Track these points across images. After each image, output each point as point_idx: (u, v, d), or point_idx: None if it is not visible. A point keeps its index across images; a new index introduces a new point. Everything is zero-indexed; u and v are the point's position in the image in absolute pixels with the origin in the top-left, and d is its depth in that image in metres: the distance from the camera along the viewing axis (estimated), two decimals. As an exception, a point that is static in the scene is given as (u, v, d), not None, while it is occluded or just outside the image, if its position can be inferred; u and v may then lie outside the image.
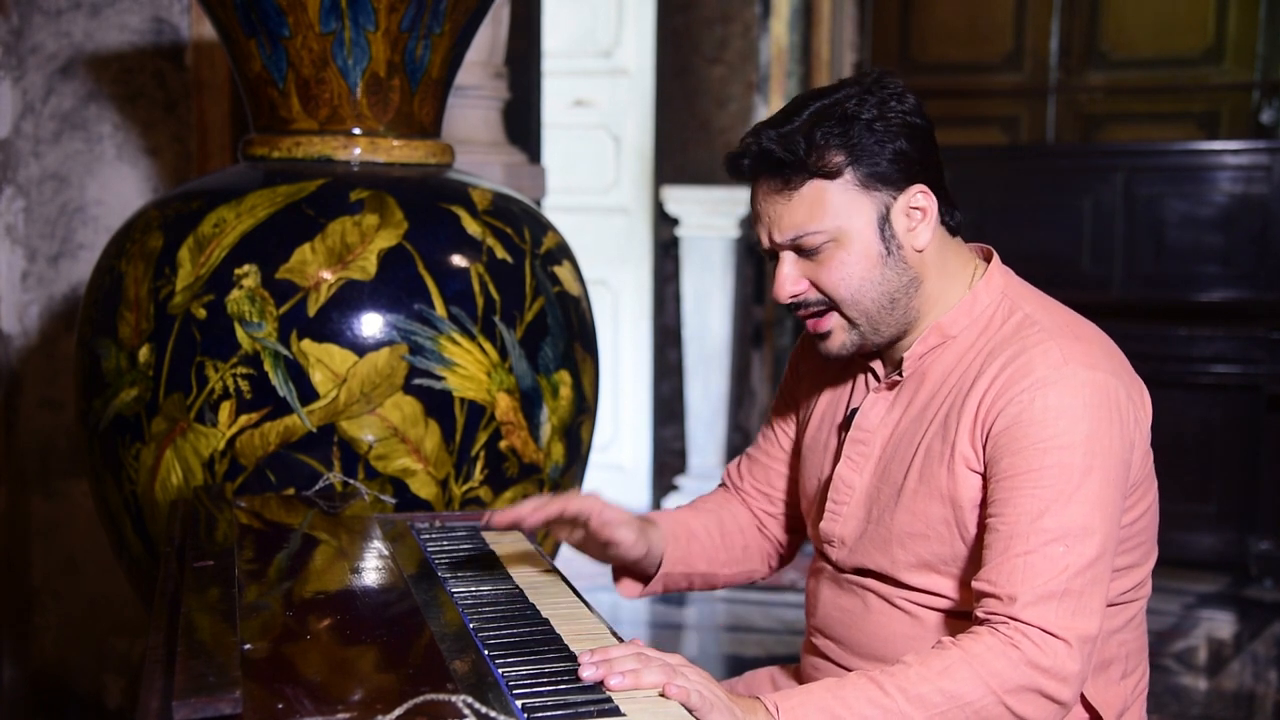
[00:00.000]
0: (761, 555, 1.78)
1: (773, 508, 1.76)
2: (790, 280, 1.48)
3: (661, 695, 1.22)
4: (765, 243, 1.50)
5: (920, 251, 1.48)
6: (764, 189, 1.47)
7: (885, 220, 1.46)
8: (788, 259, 1.48)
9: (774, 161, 1.44)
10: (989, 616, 1.36)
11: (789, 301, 1.49)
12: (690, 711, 1.21)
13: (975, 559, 1.44)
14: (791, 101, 1.50)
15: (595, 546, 1.62)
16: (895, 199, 1.45)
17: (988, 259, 1.55)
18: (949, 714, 1.31)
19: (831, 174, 1.43)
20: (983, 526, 1.42)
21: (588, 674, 1.22)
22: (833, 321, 1.50)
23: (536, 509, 1.54)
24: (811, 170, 1.43)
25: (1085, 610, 1.34)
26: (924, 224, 1.47)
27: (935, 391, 1.50)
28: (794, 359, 1.74)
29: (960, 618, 1.47)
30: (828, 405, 1.65)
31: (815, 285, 1.48)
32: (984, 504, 1.43)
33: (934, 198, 1.47)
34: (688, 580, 1.72)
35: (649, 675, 1.22)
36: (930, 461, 1.46)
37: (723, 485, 1.82)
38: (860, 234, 1.45)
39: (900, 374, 1.54)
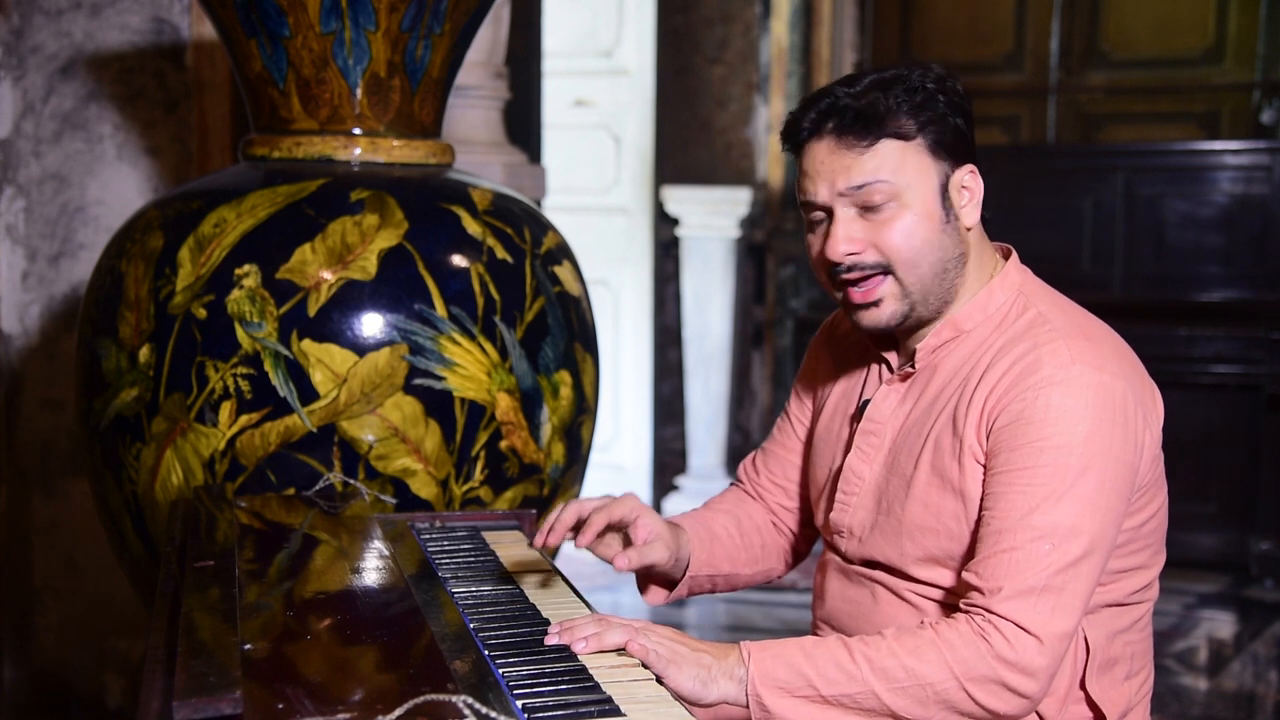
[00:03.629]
0: (779, 553, 1.78)
1: (789, 501, 1.76)
2: (846, 239, 1.46)
3: (622, 653, 1.29)
4: (823, 195, 1.46)
5: (969, 229, 1.50)
6: (830, 145, 1.46)
7: (944, 190, 1.47)
8: (844, 218, 1.46)
9: (853, 116, 1.44)
10: (968, 608, 1.38)
11: (844, 260, 1.47)
12: (649, 667, 1.27)
13: None
14: (848, 76, 1.51)
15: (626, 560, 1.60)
16: (953, 172, 1.48)
17: (1006, 257, 1.56)
18: (910, 690, 1.34)
19: (906, 136, 1.45)
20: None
21: (552, 640, 1.30)
22: (884, 289, 1.48)
23: (586, 528, 1.51)
24: (888, 131, 1.44)
25: (1063, 608, 1.35)
26: (972, 204, 1.49)
27: (945, 385, 1.50)
28: (813, 348, 1.75)
29: None
30: (841, 396, 1.66)
31: (874, 246, 1.46)
32: (982, 495, 1.44)
33: (980, 181, 1.50)
34: (711, 582, 1.72)
35: (610, 636, 1.30)
36: (940, 455, 1.47)
37: (734, 484, 1.82)
38: (925, 198, 1.46)
39: (913, 366, 1.54)
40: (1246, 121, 5.04)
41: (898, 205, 1.45)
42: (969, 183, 1.49)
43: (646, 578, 1.70)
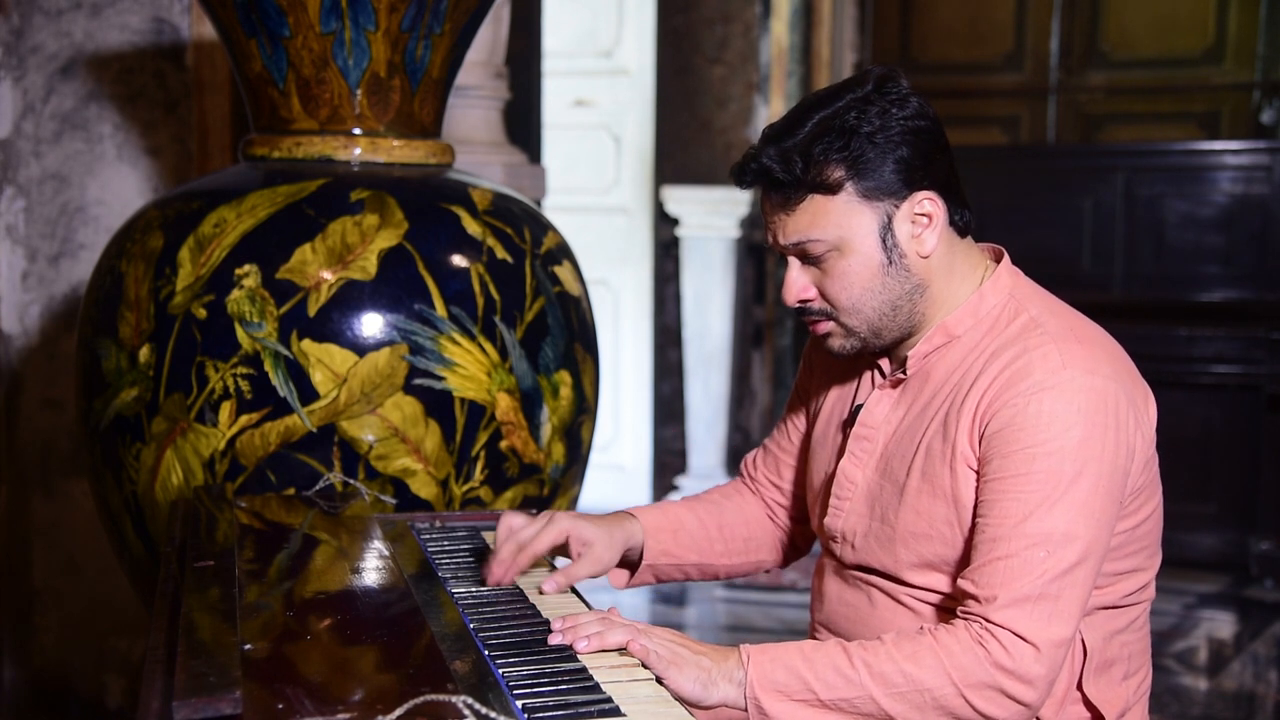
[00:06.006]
0: (771, 544, 1.79)
1: (784, 500, 1.78)
2: (798, 286, 1.50)
3: (623, 652, 1.29)
4: (771, 242, 1.52)
5: (925, 257, 1.48)
6: (765, 203, 1.50)
7: (888, 229, 1.45)
8: (795, 264, 1.50)
9: (773, 180, 1.45)
10: (965, 616, 1.38)
11: (795, 306, 1.52)
12: (650, 668, 1.28)
13: None
14: (796, 108, 1.50)
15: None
16: (898, 207, 1.45)
17: (998, 259, 1.55)
18: (908, 696, 1.34)
19: (832, 189, 1.44)
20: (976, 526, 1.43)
21: (556, 640, 1.31)
22: (829, 327, 1.52)
23: (516, 560, 1.55)
24: (810, 186, 1.44)
25: (1060, 615, 1.35)
26: (929, 230, 1.47)
27: (937, 390, 1.50)
28: (808, 353, 1.76)
29: None
30: (835, 401, 1.66)
31: (820, 293, 1.50)
32: (976, 503, 1.44)
33: (941, 203, 1.47)
34: (681, 571, 1.74)
35: (613, 635, 1.31)
36: (932, 460, 1.47)
37: (738, 477, 1.84)
38: (861, 244, 1.45)
39: (905, 372, 1.54)
40: (1246, 121, 5.04)
41: (837, 254, 1.46)
42: (926, 209, 1.46)
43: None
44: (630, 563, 1.71)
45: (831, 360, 1.68)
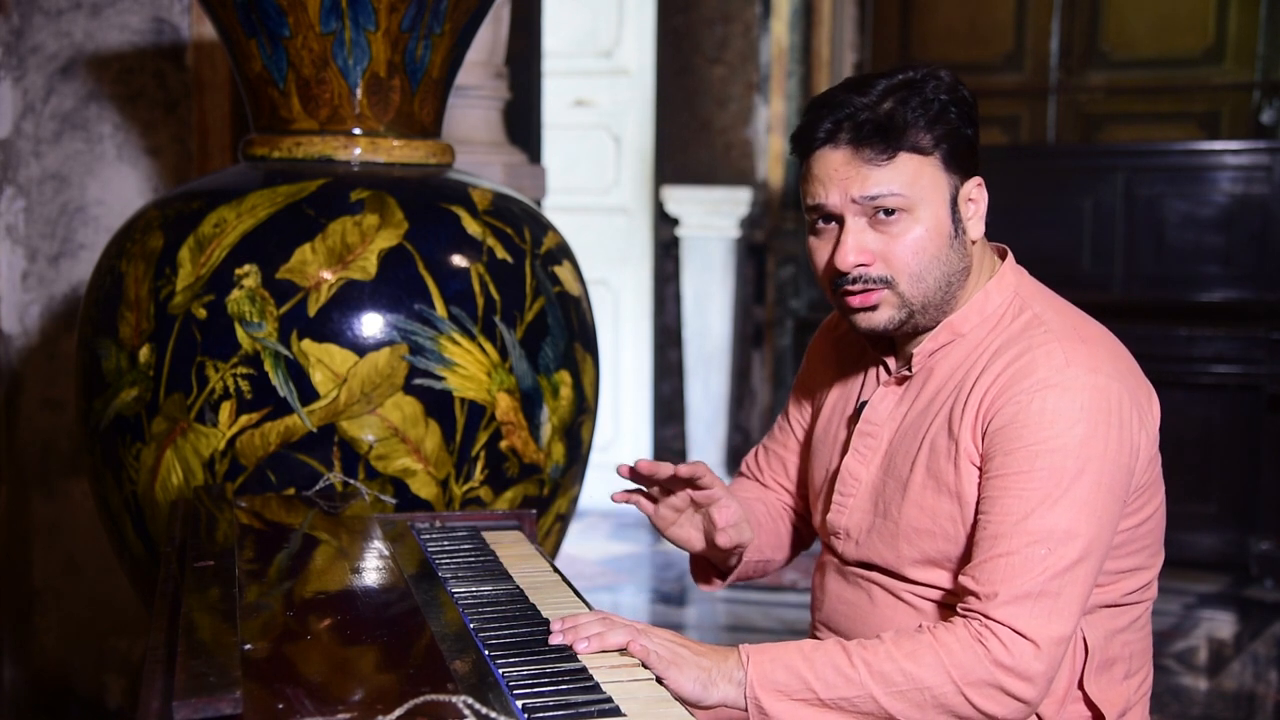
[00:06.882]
0: (797, 540, 1.80)
1: (792, 497, 1.78)
2: (856, 249, 1.44)
3: (623, 653, 1.29)
4: (835, 202, 1.44)
5: (974, 242, 1.50)
6: (846, 155, 1.44)
7: (953, 204, 1.47)
8: (857, 225, 1.45)
9: (871, 129, 1.42)
10: (965, 613, 1.38)
11: (852, 272, 1.45)
12: (650, 669, 1.28)
13: None
14: (856, 79, 1.48)
15: (691, 533, 1.61)
16: (961, 186, 1.47)
17: (1002, 258, 1.56)
18: (908, 694, 1.34)
19: (923, 150, 1.44)
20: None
21: (556, 640, 1.30)
22: (882, 296, 1.47)
23: (672, 466, 1.53)
24: (907, 144, 1.43)
25: (1060, 612, 1.35)
26: (977, 217, 1.49)
27: (941, 387, 1.50)
28: (811, 350, 1.76)
29: None
30: (838, 398, 1.66)
31: (883, 259, 1.45)
32: (978, 499, 1.44)
33: (985, 193, 1.49)
34: (755, 569, 1.73)
35: (613, 636, 1.30)
36: (936, 457, 1.47)
37: (741, 476, 1.83)
38: (937, 211, 1.45)
39: (910, 369, 1.54)
40: (1246, 121, 5.04)
41: (910, 219, 1.44)
42: (975, 195, 1.48)
43: (702, 566, 1.71)
44: (711, 565, 1.70)
45: (835, 358, 1.68)
